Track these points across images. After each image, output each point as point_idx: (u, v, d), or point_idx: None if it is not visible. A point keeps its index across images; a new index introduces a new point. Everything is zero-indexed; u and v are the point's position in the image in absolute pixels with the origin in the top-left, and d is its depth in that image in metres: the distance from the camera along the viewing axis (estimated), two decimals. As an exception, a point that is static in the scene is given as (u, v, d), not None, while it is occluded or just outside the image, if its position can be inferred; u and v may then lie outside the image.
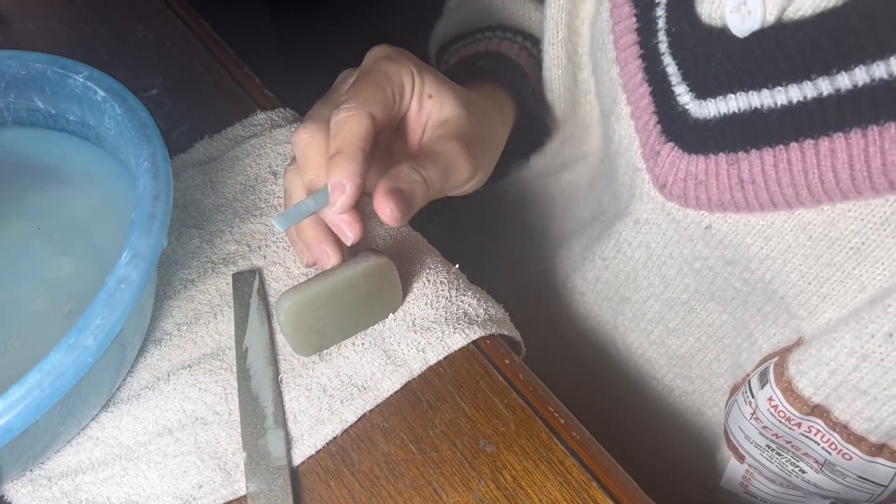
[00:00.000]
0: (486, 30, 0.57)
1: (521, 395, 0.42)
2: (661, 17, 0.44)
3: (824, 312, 0.41)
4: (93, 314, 0.35)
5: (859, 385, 0.39)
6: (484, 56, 0.55)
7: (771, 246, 0.42)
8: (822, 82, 0.36)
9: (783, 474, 0.46)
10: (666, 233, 0.47)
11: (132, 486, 0.40)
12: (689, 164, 0.43)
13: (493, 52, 0.55)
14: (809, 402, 0.41)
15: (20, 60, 0.45)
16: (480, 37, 0.57)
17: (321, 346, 0.43)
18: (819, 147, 0.37)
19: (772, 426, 0.44)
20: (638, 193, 0.47)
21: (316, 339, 0.42)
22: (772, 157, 0.39)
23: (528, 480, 0.40)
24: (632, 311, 0.53)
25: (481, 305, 0.45)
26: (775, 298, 0.43)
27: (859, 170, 0.36)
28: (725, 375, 0.51)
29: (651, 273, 0.50)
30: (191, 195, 0.50)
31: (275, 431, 0.41)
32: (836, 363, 0.39)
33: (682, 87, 0.43)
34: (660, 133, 0.44)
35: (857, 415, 0.40)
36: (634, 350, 0.55)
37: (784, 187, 0.39)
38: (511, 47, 0.55)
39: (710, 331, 0.50)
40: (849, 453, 0.41)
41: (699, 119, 0.42)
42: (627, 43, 0.46)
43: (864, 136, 0.35)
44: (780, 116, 0.38)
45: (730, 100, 0.40)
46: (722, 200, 0.42)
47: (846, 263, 0.39)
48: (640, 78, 0.45)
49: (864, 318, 0.38)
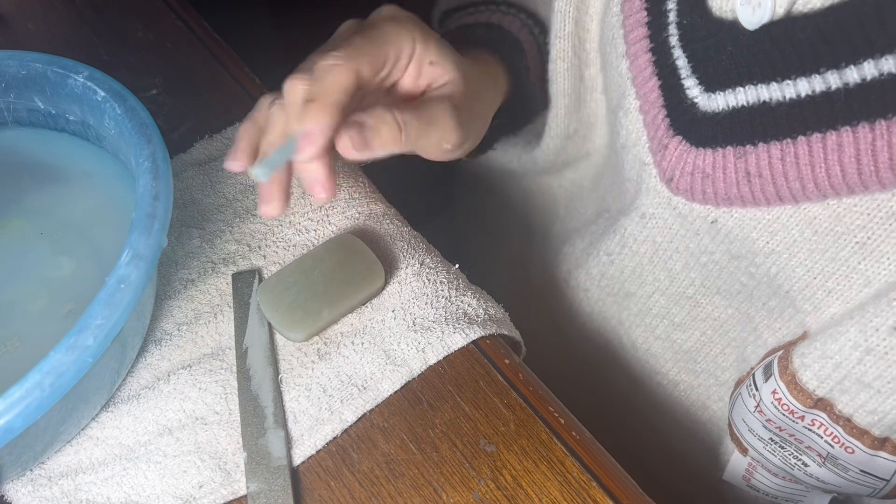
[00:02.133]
0: (490, 3, 0.57)
1: (521, 395, 0.42)
2: (673, 10, 0.43)
3: (829, 307, 0.41)
4: (93, 314, 0.35)
5: (863, 378, 0.39)
6: (484, 26, 0.55)
7: (777, 240, 0.42)
8: (831, 76, 0.36)
9: (786, 468, 0.46)
10: (672, 227, 0.47)
11: (132, 486, 0.40)
12: (697, 157, 0.43)
13: (494, 24, 0.55)
14: (813, 395, 0.41)
15: (20, 60, 0.45)
16: (484, 9, 0.57)
17: (310, 323, 0.43)
18: (826, 141, 0.37)
19: (775, 419, 0.44)
20: (644, 188, 0.47)
21: (301, 315, 0.43)
22: (779, 151, 0.39)
23: (528, 480, 0.40)
24: (637, 307, 0.53)
25: (481, 305, 0.45)
26: (780, 293, 0.43)
27: (866, 164, 0.36)
28: (731, 369, 0.51)
29: (657, 268, 0.50)
30: (191, 195, 0.50)
31: (275, 431, 0.41)
32: (840, 356, 0.39)
33: (692, 80, 0.43)
34: (668, 127, 0.44)
35: (861, 408, 0.40)
36: (639, 345, 0.55)
37: (791, 181, 0.39)
38: (513, 22, 0.55)
39: (715, 325, 0.50)
40: (851, 447, 0.41)
41: (708, 112, 0.42)
42: (638, 37, 0.46)
43: (872, 129, 0.35)
44: (788, 110, 0.38)
45: (739, 93, 0.40)
46: (728, 194, 0.42)
47: (851, 258, 0.39)
48: (650, 72, 0.45)
49: (868, 311, 0.38)
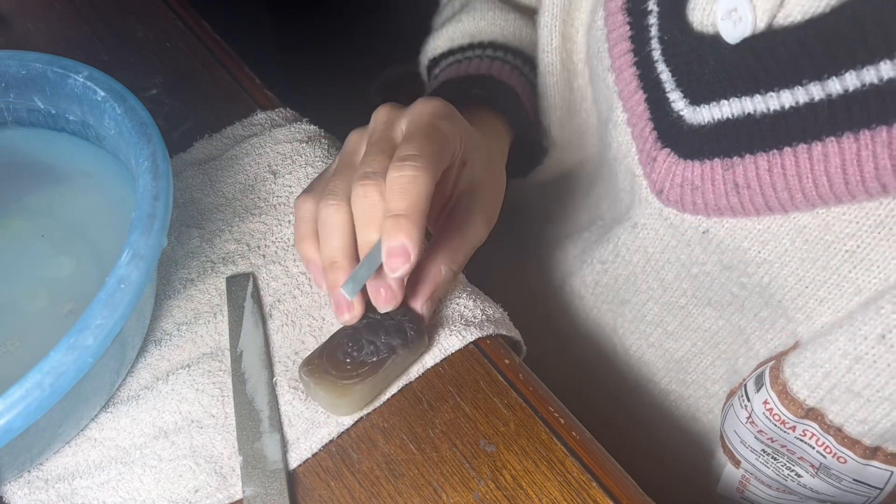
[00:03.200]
0: (476, 47, 0.56)
1: (521, 395, 0.42)
2: (654, 24, 0.44)
3: (821, 316, 0.41)
4: (93, 314, 0.35)
5: (853, 387, 0.39)
6: (477, 81, 0.54)
7: (768, 250, 0.42)
8: (814, 87, 0.36)
9: (779, 479, 0.46)
10: (664, 238, 0.47)
11: (128, 491, 0.40)
12: (685, 169, 0.43)
13: (485, 75, 0.54)
14: (804, 405, 0.41)
15: (20, 60, 0.45)
16: (471, 55, 0.56)
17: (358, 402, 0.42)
18: (812, 152, 0.37)
19: (767, 430, 0.44)
20: (637, 199, 0.47)
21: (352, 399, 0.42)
22: (766, 162, 0.39)
23: (528, 480, 0.40)
24: (631, 314, 0.53)
25: (478, 306, 0.45)
26: (772, 303, 0.43)
27: (852, 174, 0.36)
28: (721, 381, 0.51)
29: (649, 277, 0.50)
30: (190, 194, 0.50)
31: (271, 435, 0.41)
32: (829, 365, 0.39)
33: (677, 94, 0.43)
34: (656, 139, 0.44)
35: (851, 417, 0.40)
36: (633, 352, 0.55)
37: (779, 191, 0.39)
38: (502, 69, 0.55)
39: (706, 336, 0.50)
40: (843, 457, 0.41)
41: (694, 125, 0.42)
42: (622, 51, 0.46)
43: (857, 140, 0.35)
44: (773, 122, 0.38)
45: (723, 106, 0.40)
46: (718, 205, 0.42)
47: (842, 266, 0.39)
48: (635, 85, 0.45)
49: (857, 319, 0.38)
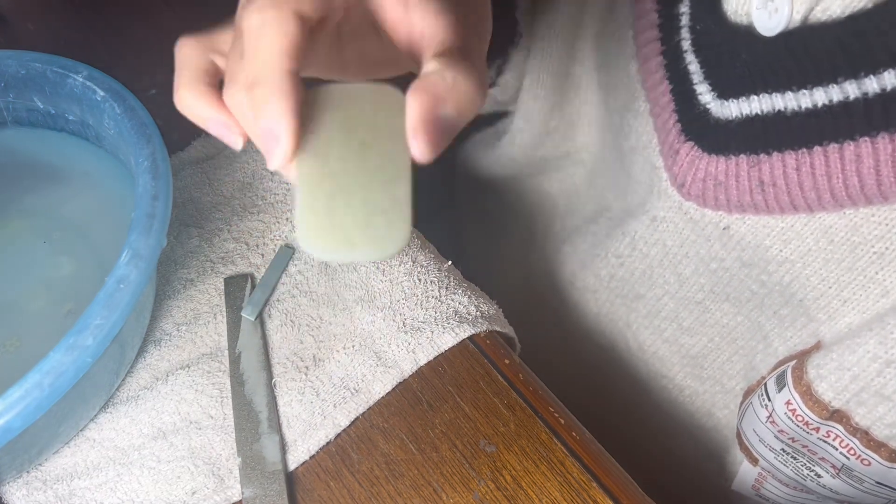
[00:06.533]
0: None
1: (521, 395, 0.42)
2: (686, 13, 0.42)
3: (844, 316, 0.40)
4: (92, 314, 0.35)
5: (882, 391, 0.38)
6: None
7: (791, 249, 0.41)
8: (849, 86, 0.35)
9: (798, 478, 0.46)
10: (683, 232, 0.46)
11: (126, 492, 0.40)
12: (709, 164, 0.42)
13: None
14: (829, 407, 0.40)
15: (20, 60, 0.45)
16: None
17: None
18: (844, 152, 0.36)
19: (788, 430, 0.43)
20: (656, 191, 0.46)
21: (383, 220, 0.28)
22: (794, 161, 0.38)
23: (528, 481, 0.40)
24: (646, 308, 0.52)
25: (472, 303, 0.45)
26: (793, 301, 0.43)
27: (886, 175, 0.35)
28: (738, 377, 0.50)
29: (666, 271, 0.49)
30: (189, 193, 0.50)
31: (269, 436, 0.41)
32: (858, 368, 0.38)
33: (704, 87, 0.42)
34: (679, 132, 0.43)
35: (879, 420, 0.39)
36: (647, 348, 0.54)
37: (806, 191, 0.38)
38: None
39: (724, 332, 0.49)
40: (868, 459, 0.40)
41: (720, 119, 0.41)
42: (649, 39, 0.44)
43: (893, 140, 0.34)
44: (804, 119, 0.37)
45: (753, 101, 0.39)
46: (741, 202, 0.41)
47: (869, 268, 0.38)
48: (661, 75, 0.44)
49: (889, 323, 0.37)
